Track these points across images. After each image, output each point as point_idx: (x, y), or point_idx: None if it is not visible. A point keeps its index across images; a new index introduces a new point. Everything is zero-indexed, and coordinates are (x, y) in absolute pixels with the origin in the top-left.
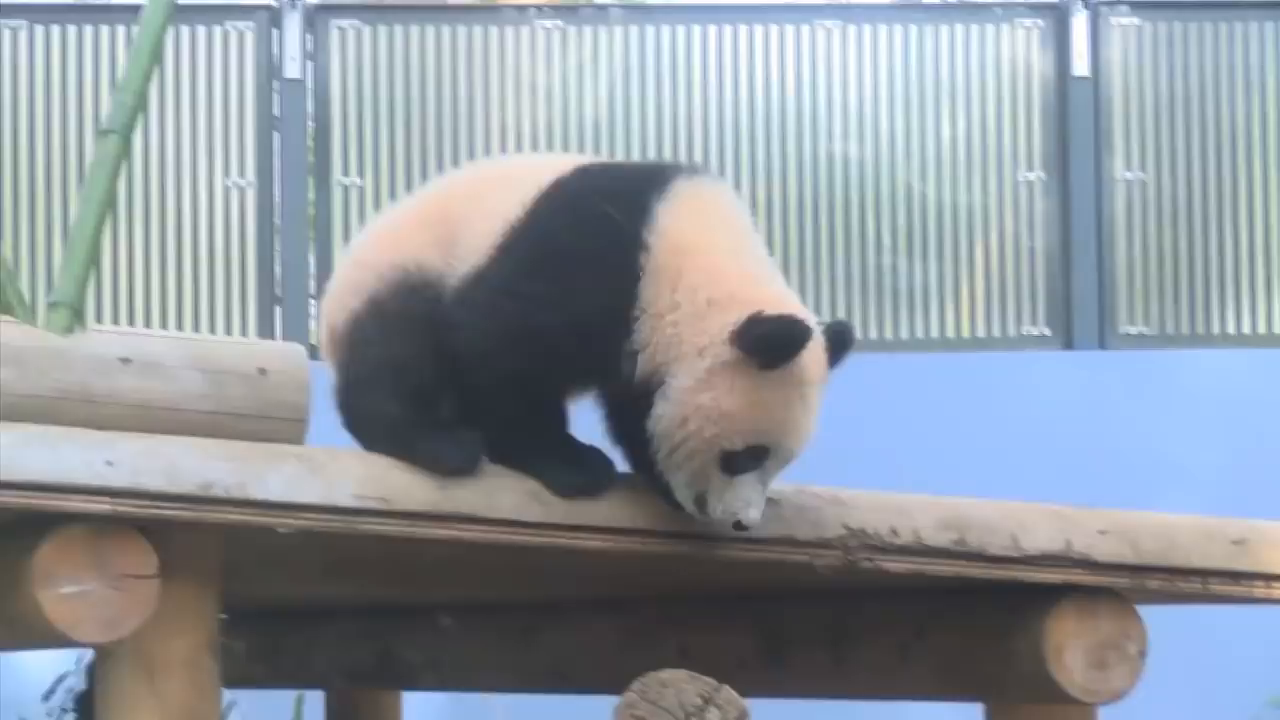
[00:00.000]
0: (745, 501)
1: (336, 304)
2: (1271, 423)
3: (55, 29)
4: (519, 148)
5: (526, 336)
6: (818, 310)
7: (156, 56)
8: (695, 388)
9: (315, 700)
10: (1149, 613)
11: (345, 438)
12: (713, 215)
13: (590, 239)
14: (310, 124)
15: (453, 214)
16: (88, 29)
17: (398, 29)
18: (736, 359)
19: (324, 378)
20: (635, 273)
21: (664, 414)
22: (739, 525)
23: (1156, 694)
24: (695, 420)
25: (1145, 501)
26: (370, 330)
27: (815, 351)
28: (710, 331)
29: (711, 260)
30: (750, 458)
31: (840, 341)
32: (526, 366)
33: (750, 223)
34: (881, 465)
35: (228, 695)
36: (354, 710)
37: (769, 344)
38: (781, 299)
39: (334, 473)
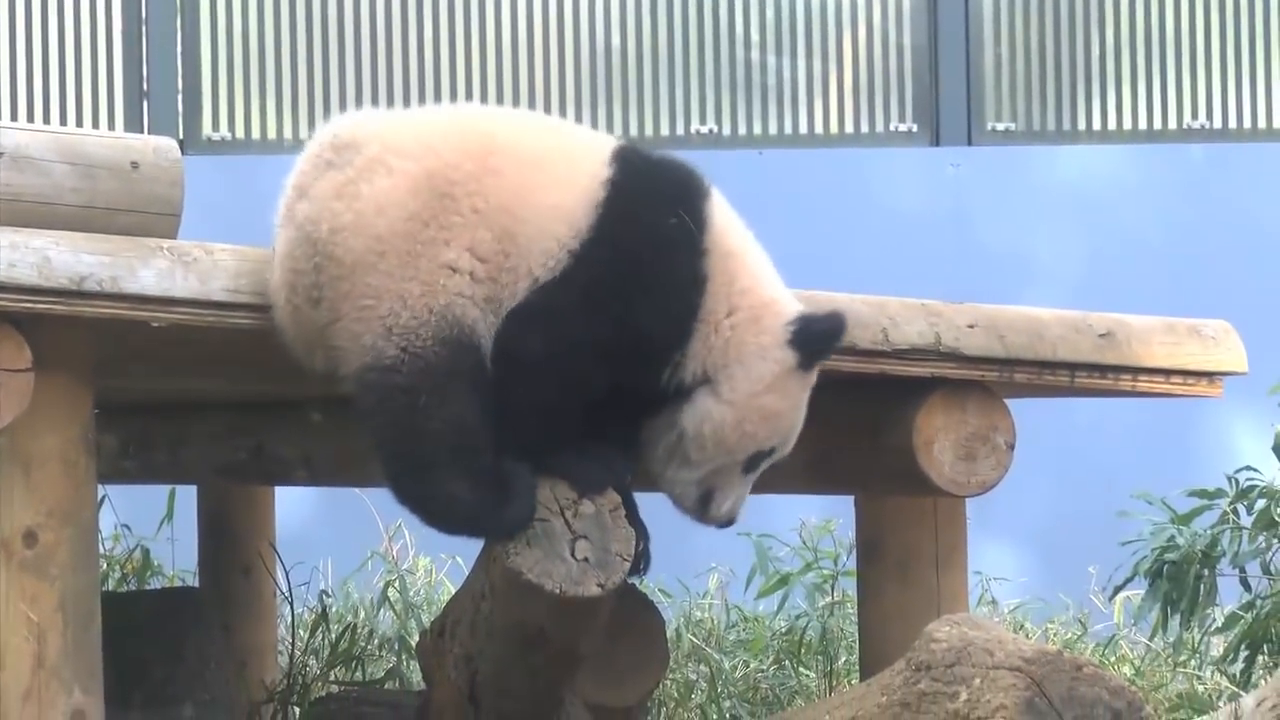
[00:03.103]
0: (743, 500)
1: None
2: (1137, 218)
3: None
4: None
5: (591, 349)
6: (686, 112)
7: None
8: (760, 391)
9: (188, 495)
10: (1017, 406)
11: (216, 231)
12: (731, 213)
13: (666, 252)
14: None
15: (494, 210)
16: None
17: None
18: (795, 361)
19: (195, 172)
20: (702, 283)
21: (714, 414)
22: (729, 523)
23: (1024, 486)
24: (752, 422)
25: (1012, 296)
26: (422, 398)
27: None
28: (769, 332)
29: (752, 261)
30: (766, 456)
31: None
32: (581, 376)
33: None
34: None
35: (101, 490)
36: (226, 505)
37: (825, 345)
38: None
39: (207, 267)
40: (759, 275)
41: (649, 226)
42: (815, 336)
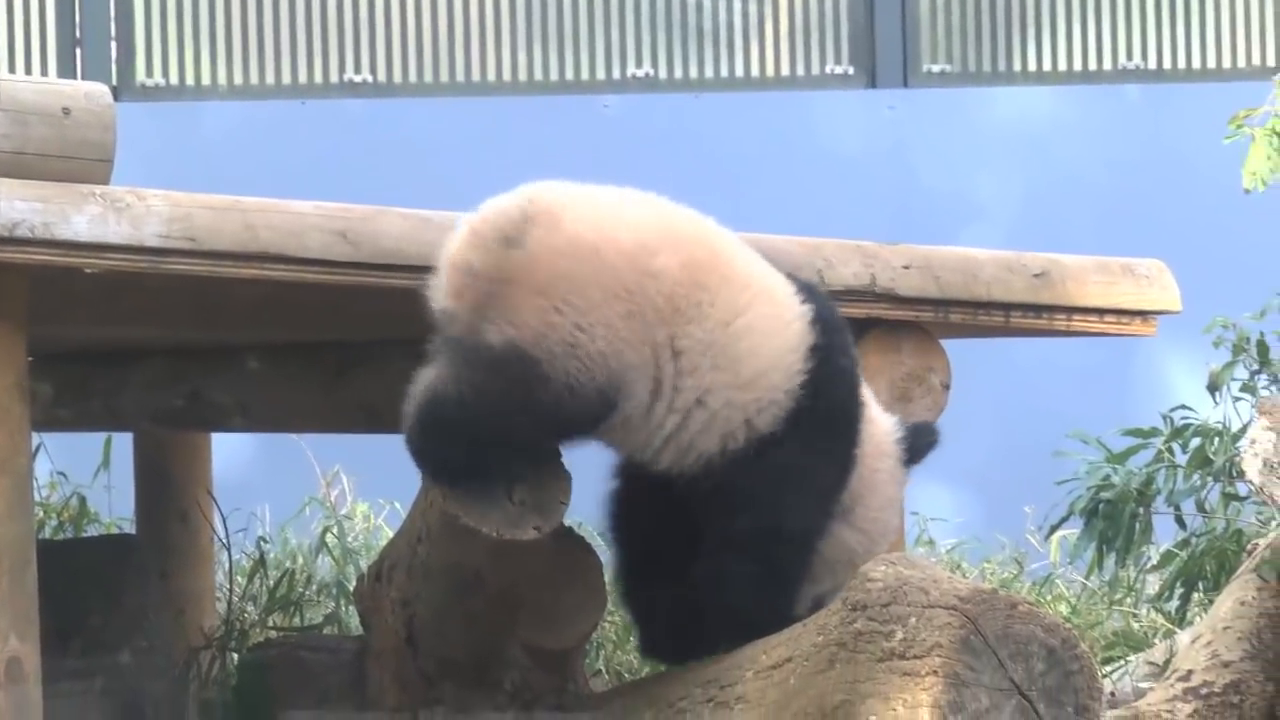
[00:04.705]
0: None
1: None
2: (1072, 159)
3: None
4: None
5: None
6: (622, 56)
7: None
8: (889, 513)
9: (124, 442)
10: (954, 347)
11: (151, 177)
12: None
13: (853, 401)
14: None
15: (693, 333)
16: None
17: None
18: (907, 477)
19: (129, 119)
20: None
21: (852, 544)
22: None
23: (961, 427)
24: (881, 543)
25: (948, 238)
26: (520, 416)
27: None
28: (888, 455)
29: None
30: None
31: None
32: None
33: None
34: (689, 204)
35: (35, 438)
36: (163, 453)
37: (926, 457)
38: None
39: (140, 213)
40: (870, 394)
41: (845, 382)
42: (922, 452)
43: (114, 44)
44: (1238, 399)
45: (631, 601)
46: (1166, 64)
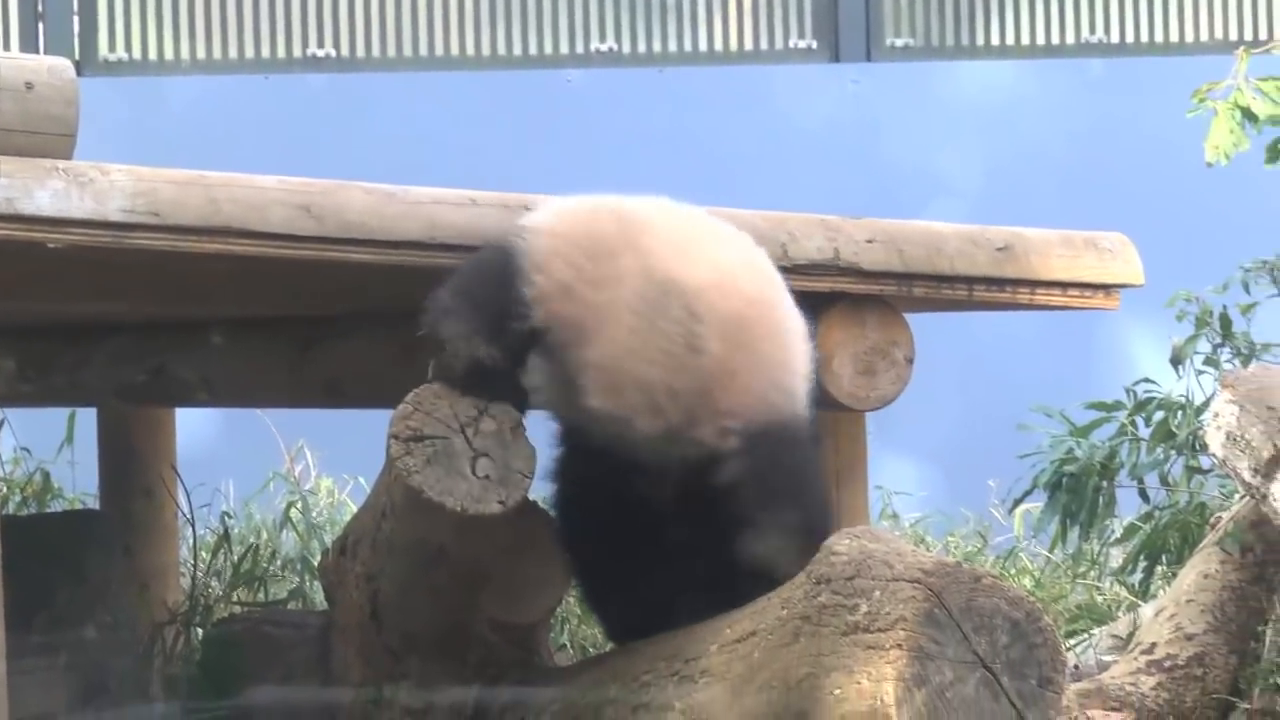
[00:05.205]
0: None
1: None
2: (1035, 133)
3: None
4: None
5: None
6: (586, 31)
7: None
8: None
9: (88, 417)
10: (918, 321)
11: (115, 153)
12: None
13: None
14: None
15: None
16: None
17: None
18: None
19: (92, 94)
20: None
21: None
22: None
23: (926, 401)
24: None
25: (912, 212)
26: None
27: None
28: None
29: None
30: None
31: None
32: None
33: None
34: (652, 179)
35: None
36: (127, 428)
37: None
38: None
39: (103, 187)
40: None
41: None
42: None
43: (76, 18)
44: (1201, 372)
45: (596, 599)
46: (1129, 38)
